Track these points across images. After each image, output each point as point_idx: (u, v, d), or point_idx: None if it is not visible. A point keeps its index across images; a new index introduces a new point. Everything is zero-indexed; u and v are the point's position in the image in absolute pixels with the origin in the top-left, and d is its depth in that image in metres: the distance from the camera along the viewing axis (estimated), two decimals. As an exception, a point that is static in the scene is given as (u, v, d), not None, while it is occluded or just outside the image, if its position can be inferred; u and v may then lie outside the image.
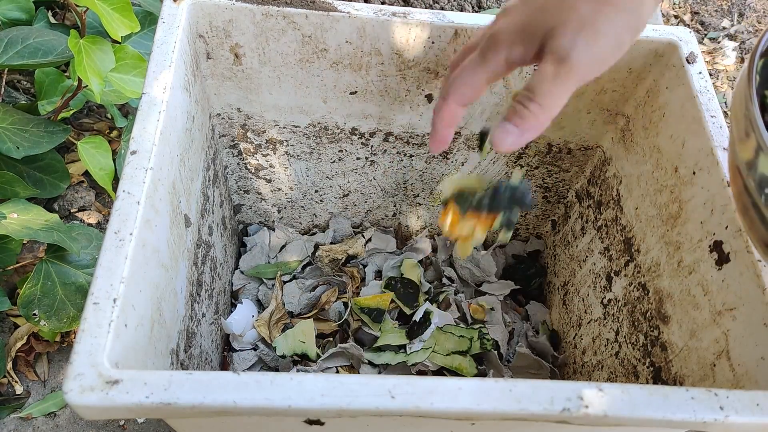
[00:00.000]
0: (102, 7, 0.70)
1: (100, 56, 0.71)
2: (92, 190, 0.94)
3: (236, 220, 0.88)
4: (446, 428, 0.47)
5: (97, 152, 0.79)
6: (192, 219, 0.59)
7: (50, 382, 0.80)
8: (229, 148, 0.76)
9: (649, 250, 0.64)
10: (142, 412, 0.37)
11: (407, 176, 0.81)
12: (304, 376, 0.37)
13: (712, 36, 1.36)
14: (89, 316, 0.39)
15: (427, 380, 0.38)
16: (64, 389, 0.36)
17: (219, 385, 0.37)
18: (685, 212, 0.58)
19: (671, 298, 0.60)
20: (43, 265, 0.71)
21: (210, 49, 0.62)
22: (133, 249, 0.43)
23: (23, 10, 0.86)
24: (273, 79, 0.66)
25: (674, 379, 0.58)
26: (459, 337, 0.79)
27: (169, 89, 0.51)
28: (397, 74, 0.65)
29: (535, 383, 0.39)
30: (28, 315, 0.69)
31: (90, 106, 1.03)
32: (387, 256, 0.89)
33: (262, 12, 0.59)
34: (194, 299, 0.62)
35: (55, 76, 0.87)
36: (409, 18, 0.60)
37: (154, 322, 0.47)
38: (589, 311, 0.77)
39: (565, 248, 0.85)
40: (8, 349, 0.80)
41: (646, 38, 0.62)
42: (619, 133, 0.71)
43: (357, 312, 0.81)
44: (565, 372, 0.83)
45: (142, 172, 0.46)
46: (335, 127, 0.73)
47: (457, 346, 0.79)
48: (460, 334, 0.79)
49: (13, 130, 0.76)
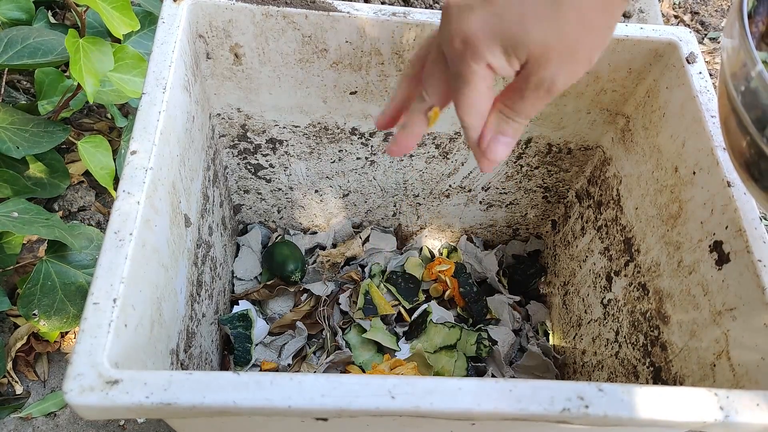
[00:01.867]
0: (102, 6, 0.70)
1: (98, 57, 0.71)
2: (92, 190, 0.94)
3: (236, 220, 0.88)
4: (446, 428, 0.47)
5: (97, 152, 0.79)
6: (192, 219, 0.59)
7: (50, 382, 0.80)
8: (229, 148, 0.76)
9: (649, 250, 0.64)
10: (142, 412, 0.37)
11: (407, 176, 0.81)
12: (304, 377, 0.37)
13: (712, 36, 1.36)
14: (89, 316, 0.39)
15: (428, 380, 0.38)
16: (64, 389, 0.36)
17: (219, 386, 0.37)
18: (685, 212, 0.58)
19: (671, 298, 0.60)
20: (43, 265, 0.71)
21: (210, 49, 0.62)
22: (133, 249, 0.43)
23: (23, 10, 0.86)
24: (273, 79, 0.66)
25: (674, 379, 0.58)
26: (450, 329, 0.80)
27: (169, 89, 0.51)
28: (397, 74, 0.65)
29: (535, 383, 0.39)
30: (28, 315, 0.69)
31: (90, 106, 1.03)
32: (388, 256, 0.89)
33: (262, 12, 0.59)
34: (194, 299, 0.62)
35: (55, 76, 0.86)
36: (409, 18, 0.60)
37: (154, 322, 0.47)
38: (589, 311, 0.77)
39: (565, 248, 0.85)
40: (8, 349, 0.80)
41: (646, 38, 0.62)
42: (619, 133, 0.71)
43: (358, 302, 0.82)
44: (565, 372, 0.83)
45: (142, 172, 0.46)
46: (335, 127, 0.72)
47: (445, 339, 0.79)
48: (450, 325, 0.80)
49: (13, 130, 0.76)
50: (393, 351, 0.79)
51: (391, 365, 0.76)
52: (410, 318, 0.83)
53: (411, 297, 0.84)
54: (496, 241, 0.93)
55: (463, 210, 0.87)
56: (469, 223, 0.89)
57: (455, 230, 0.91)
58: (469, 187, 0.82)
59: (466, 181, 0.81)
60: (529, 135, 0.74)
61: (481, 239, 0.93)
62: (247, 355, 0.77)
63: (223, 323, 0.76)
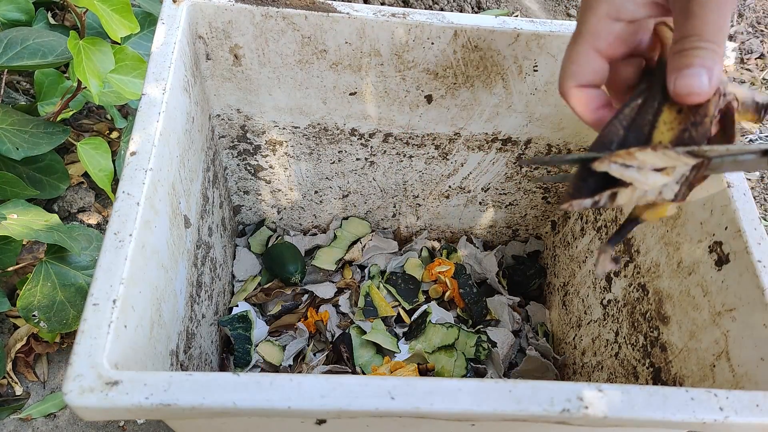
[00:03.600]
0: (101, 8, 0.70)
1: (99, 57, 0.71)
2: (92, 191, 0.94)
3: (236, 221, 0.88)
4: (446, 429, 0.47)
5: (96, 153, 0.79)
6: (192, 220, 0.59)
7: (50, 383, 0.80)
8: (228, 149, 0.76)
9: (649, 250, 0.64)
10: (142, 413, 0.37)
11: (407, 177, 0.81)
12: (303, 377, 0.37)
13: (711, 36, 1.36)
14: (89, 317, 0.39)
15: (427, 381, 0.38)
16: (64, 390, 0.36)
17: (219, 386, 0.37)
18: (684, 213, 0.59)
19: (671, 299, 0.60)
20: (43, 266, 0.71)
21: (209, 50, 0.62)
22: (132, 250, 0.43)
23: (23, 11, 0.86)
24: (272, 80, 0.66)
25: (674, 380, 0.58)
26: (448, 329, 0.79)
27: (168, 90, 0.51)
28: (396, 75, 0.65)
29: (535, 384, 0.39)
30: (27, 316, 0.69)
31: (90, 107, 1.03)
32: (388, 257, 0.89)
33: (262, 13, 0.59)
34: (194, 300, 0.62)
35: (55, 77, 0.86)
36: (408, 19, 0.60)
37: (154, 323, 0.47)
38: (589, 312, 0.77)
39: (565, 249, 0.85)
40: (8, 350, 0.80)
41: (646, 39, 0.62)
42: (618, 134, 0.71)
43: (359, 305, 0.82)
44: (564, 373, 0.83)
45: (141, 173, 0.46)
46: (335, 127, 0.73)
47: (443, 339, 0.79)
48: (449, 325, 0.80)
49: (12, 131, 0.76)
50: (393, 353, 0.79)
51: (392, 367, 0.76)
52: (410, 319, 0.83)
53: (411, 298, 0.84)
54: (496, 242, 0.93)
55: (463, 211, 0.87)
56: (469, 223, 0.89)
57: (455, 231, 0.91)
58: (468, 187, 0.82)
59: (466, 182, 0.81)
60: (528, 136, 0.74)
61: (481, 240, 0.93)
62: (247, 356, 0.77)
63: (223, 325, 0.76)
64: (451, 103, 0.69)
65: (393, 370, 0.75)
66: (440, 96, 0.68)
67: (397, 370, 0.75)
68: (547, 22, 0.62)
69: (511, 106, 0.69)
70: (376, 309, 0.82)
